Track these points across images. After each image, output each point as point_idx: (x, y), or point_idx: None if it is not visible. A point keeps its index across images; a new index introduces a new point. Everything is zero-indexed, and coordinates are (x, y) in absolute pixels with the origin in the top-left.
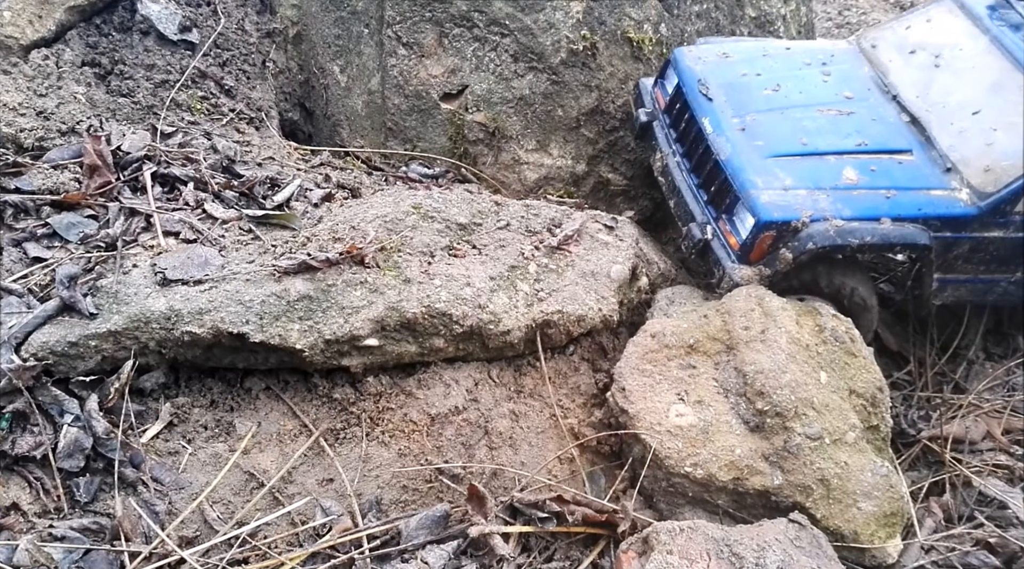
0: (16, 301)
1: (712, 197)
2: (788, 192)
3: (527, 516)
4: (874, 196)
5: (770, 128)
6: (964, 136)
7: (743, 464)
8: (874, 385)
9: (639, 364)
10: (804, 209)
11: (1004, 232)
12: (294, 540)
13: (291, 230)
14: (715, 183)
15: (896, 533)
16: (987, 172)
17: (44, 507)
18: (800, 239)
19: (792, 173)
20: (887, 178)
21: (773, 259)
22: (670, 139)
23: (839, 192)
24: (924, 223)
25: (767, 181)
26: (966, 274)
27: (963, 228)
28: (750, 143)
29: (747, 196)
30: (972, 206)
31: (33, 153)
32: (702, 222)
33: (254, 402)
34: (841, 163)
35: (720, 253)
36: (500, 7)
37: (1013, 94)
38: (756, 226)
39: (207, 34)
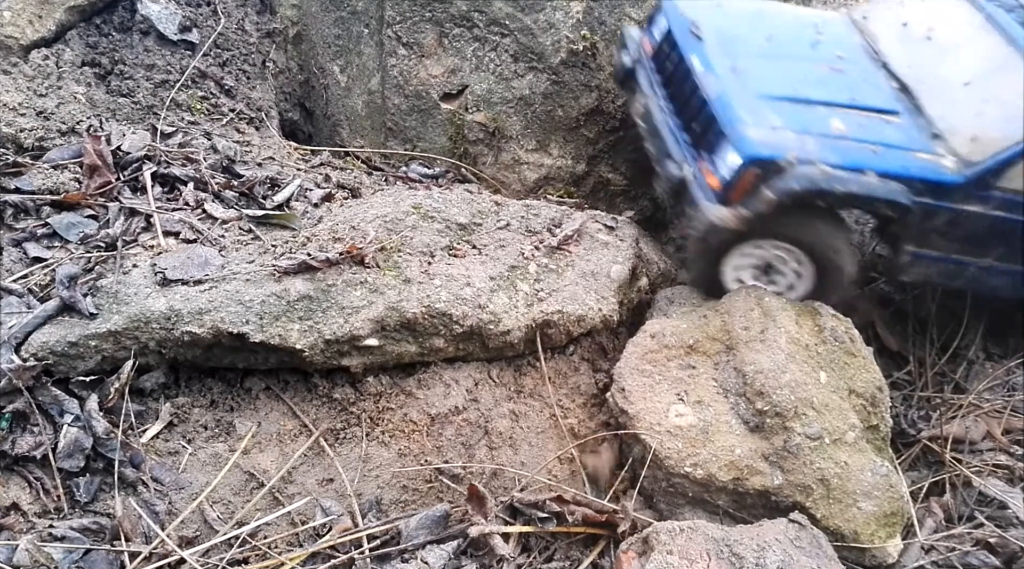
0: (16, 301)
1: (695, 137)
2: (775, 131)
3: (527, 516)
4: (861, 148)
5: (761, 72)
6: (953, 105)
7: (743, 464)
8: (874, 385)
9: (639, 364)
10: (791, 150)
11: (984, 208)
12: (294, 540)
13: (291, 230)
14: (699, 122)
15: (896, 533)
16: (974, 141)
17: (44, 507)
18: (784, 179)
19: (781, 115)
20: (874, 134)
21: (753, 200)
22: (654, 83)
23: (827, 139)
24: (908, 184)
25: (756, 119)
26: (939, 251)
27: (945, 196)
28: (740, 83)
29: (734, 131)
30: (957, 174)
31: (33, 153)
32: (681, 162)
33: (254, 402)
34: (830, 113)
35: (697, 193)
36: (500, 7)
37: (1005, 70)
38: (742, 163)
39: (207, 34)
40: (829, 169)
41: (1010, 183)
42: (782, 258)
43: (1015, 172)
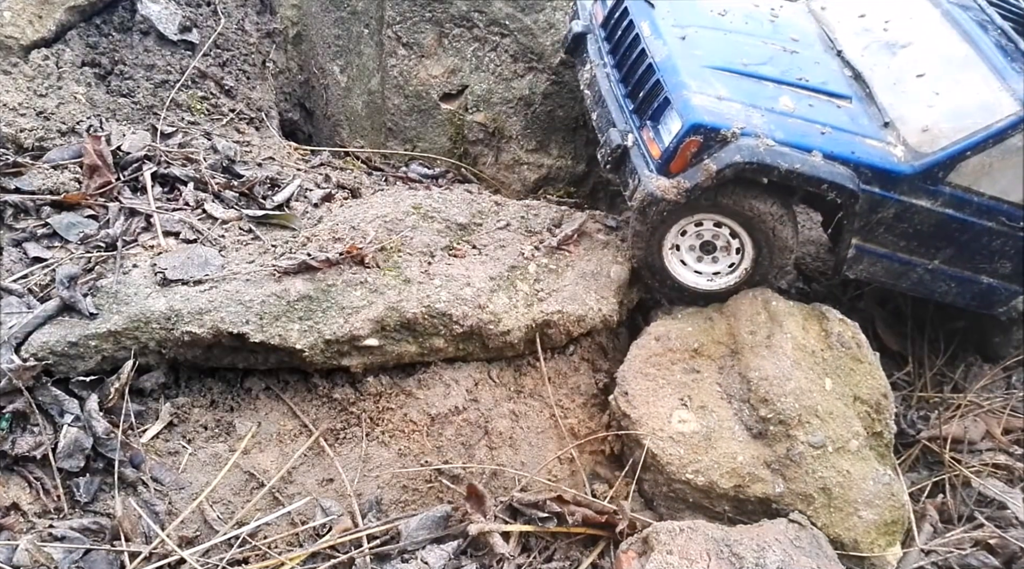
0: (16, 301)
1: (639, 104)
2: (721, 101)
3: (527, 516)
4: (809, 127)
5: (711, 43)
6: (906, 95)
7: (745, 471)
8: (879, 391)
9: (642, 367)
10: (736, 120)
11: (932, 203)
12: (294, 540)
13: (291, 230)
14: (644, 89)
15: (896, 541)
16: (925, 132)
17: (44, 507)
18: (727, 151)
19: (728, 86)
20: (823, 116)
21: (695, 171)
22: (603, 51)
23: (774, 115)
24: (855, 169)
25: (701, 86)
26: (885, 247)
27: (893, 186)
28: (688, 51)
29: (678, 97)
30: (906, 164)
31: (33, 153)
32: (624, 130)
33: (254, 402)
34: (779, 90)
35: (638, 162)
36: (500, 7)
37: (959, 65)
38: (683, 129)
39: (207, 34)
40: (774, 144)
41: (960, 179)
42: (722, 236)
43: (966, 167)
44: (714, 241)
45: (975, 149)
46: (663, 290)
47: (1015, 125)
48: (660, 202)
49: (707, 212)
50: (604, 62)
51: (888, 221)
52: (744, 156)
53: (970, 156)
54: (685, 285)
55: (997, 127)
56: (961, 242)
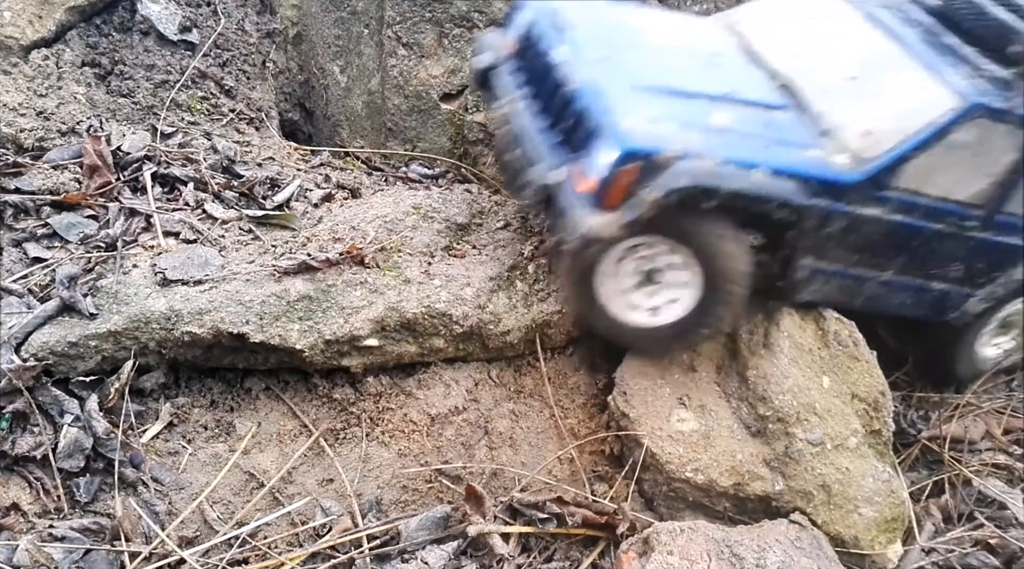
0: (16, 301)
1: (564, 136)
2: (655, 123)
3: (527, 516)
4: (748, 143)
5: (634, 62)
6: (841, 101)
7: (744, 469)
8: (877, 389)
9: (641, 367)
10: (673, 143)
11: (882, 212)
12: (294, 540)
13: (291, 230)
14: (568, 119)
15: (896, 538)
16: (867, 136)
17: (44, 507)
18: (667, 176)
19: (659, 106)
20: (761, 129)
21: (633, 203)
22: (516, 84)
23: (711, 133)
24: (801, 183)
25: (631, 110)
26: (837, 263)
27: (841, 197)
28: (612, 73)
29: (608, 123)
30: (851, 172)
31: (33, 153)
32: (548, 167)
33: (254, 402)
34: (711, 106)
35: (569, 200)
36: (500, 7)
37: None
38: (618, 159)
39: (207, 34)
40: (715, 165)
41: (908, 182)
42: (664, 263)
43: (913, 169)
44: (655, 270)
45: (920, 148)
46: (600, 326)
47: (957, 119)
48: (599, 240)
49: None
50: (518, 94)
51: (838, 235)
52: (686, 180)
53: (915, 156)
54: (622, 322)
55: (940, 123)
56: (912, 249)
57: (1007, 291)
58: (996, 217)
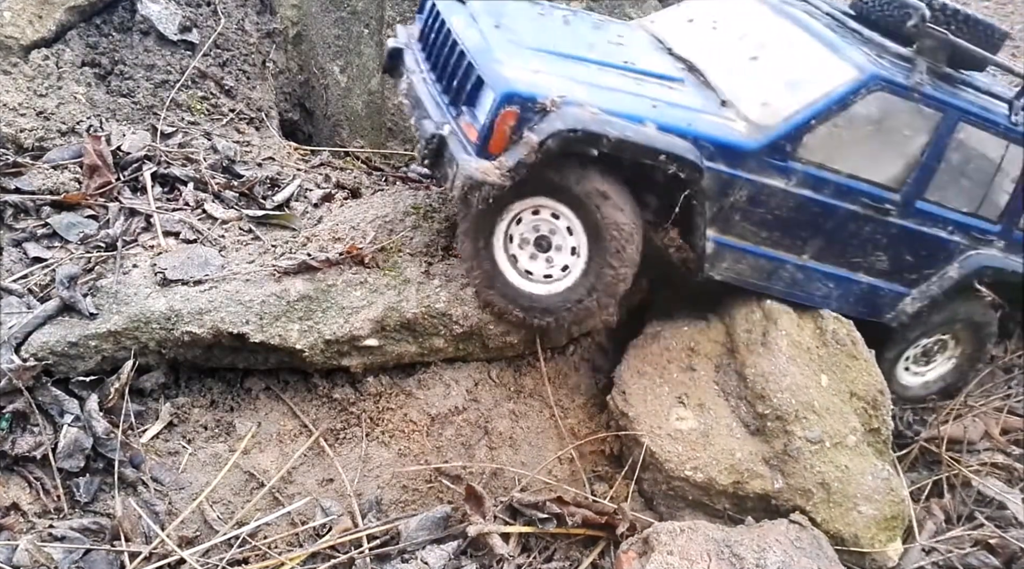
0: (16, 301)
1: (454, 92)
2: (539, 74)
3: (527, 516)
4: (638, 101)
5: (529, 30)
6: (741, 76)
7: (743, 468)
8: (875, 388)
9: (639, 367)
10: (556, 90)
11: (786, 183)
12: (294, 540)
13: (291, 230)
14: (459, 78)
15: (896, 536)
16: (765, 106)
17: (44, 507)
18: (549, 120)
19: (547, 63)
20: (654, 93)
21: (516, 148)
22: (419, 60)
23: (598, 88)
24: (695, 143)
25: (516, 62)
26: (747, 240)
27: (740, 164)
28: (503, 36)
29: (490, 72)
30: (750, 138)
31: (33, 153)
32: (440, 121)
33: (254, 402)
34: (603, 71)
35: (456, 149)
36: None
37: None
38: (497, 101)
39: (207, 34)
40: (600, 112)
41: (811, 155)
42: (555, 228)
43: (814, 140)
44: (548, 235)
45: (819, 118)
46: (498, 297)
47: (855, 90)
48: (482, 186)
49: (536, 196)
50: (421, 68)
51: (743, 206)
52: (568, 123)
53: (815, 125)
54: (518, 289)
55: (838, 93)
56: (827, 231)
57: (942, 291)
58: (916, 204)
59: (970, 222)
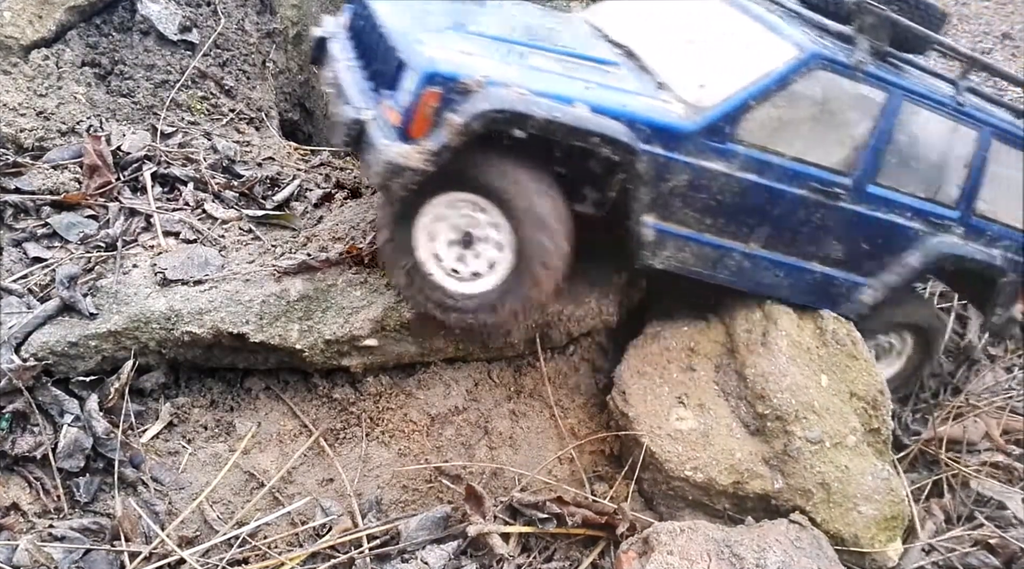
0: (16, 301)
1: (378, 77)
2: (464, 55)
3: (527, 517)
4: (570, 82)
5: (459, 15)
6: (678, 59)
7: (743, 468)
8: (875, 388)
9: (639, 367)
10: (481, 70)
11: (727, 167)
12: (294, 540)
13: (291, 230)
14: (382, 61)
15: (896, 537)
16: (702, 88)
17: (44, 507)
18: (473, 100)
19: (473, 45)
20: (587, 75)
21: (438, 130)
22: (347, 49)
23: (528, 69)
24: (629, 125)
25: (440, 43)
26: (689, 227)
27: (678, 146)
28: (428, 20)
29: (412, 53)
30: (687, 120)
31: (33, 153)
32: (361, 107)
33: (254, 402)
34: (533, 52)
35: (376, 134)
36: None
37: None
38: (418, 81)
39: (207, 34)
40: (528, 93)
41: (752, 137)
42: (478, 221)
43: (755, 122)
44: (472, 230)
45: (758, 98)
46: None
47: (795, 68)
48: (403, 172)
49: (461, 189)
50: (346, 56)
51: (683, 191)
52: (493, 103)
53: (755, 106)
54: (445, 289)
55: (777, 72)
56: (775, 217)
57: (901, 279)
58: (869, 188)
59: (928, 208)
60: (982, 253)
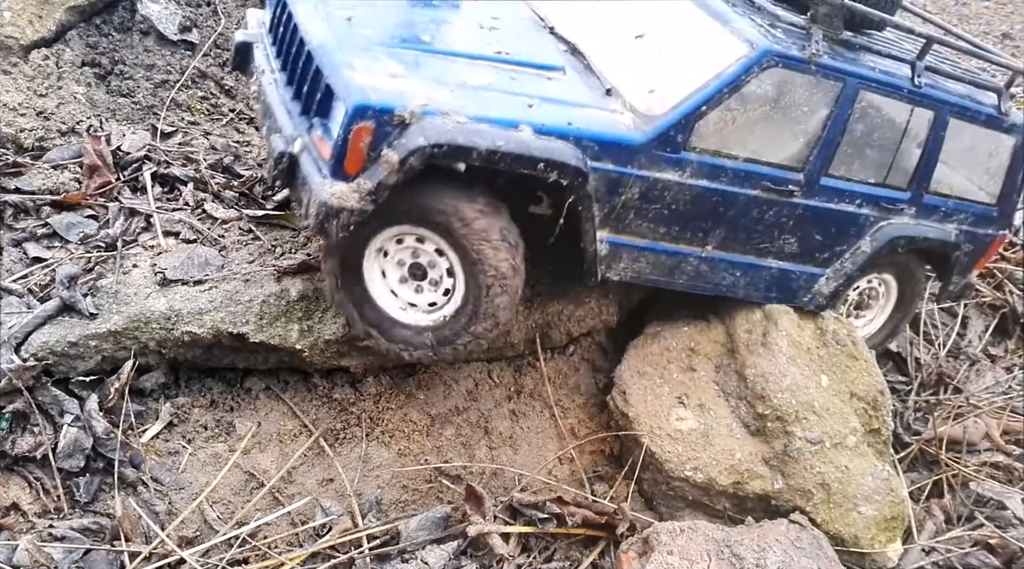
0: (16, 301)
1: (304, 99)
2: (396, 79)
3: (527, 517)
4: (512, 100)
5: (385, 21)
6: (626, 59)
7: (743, 468)
8: (875, 388)
9: (640, 367)
10: (415, 98)
11: (680, 175)
12: (294, 540)
13: (291, 230)
14: (307, 82)
15: (896, 537)
16: (652, 94)
17: (44, 507)
18: (409, 134)
19: (405, 64)
20: (530, 88)
21: (375, 168)
22: (269, 56)
23: (466, 90)
24: (576, 144)
25: (368, 66)
26: (644, 238)
27: (629, 160)
28: (354, 31)
29: (339, 80)
30: (637, 131)
31: (33, 153)
32: (290, 136)
33: (254, 402)
34: (471, 65)
35: (308, 169)
36: None
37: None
38: (349, 115)
39: (207, 34)
40: (467, 121)
41: (705, 143)
42: (428, 254)
43: (707, 127)
44: (424, 264)
45: (710, 103)
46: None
47: (747, 68)
48: (340, 213)
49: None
50: (271, 67)
51: (636, 204)
52: (430, 138)
53: (707, 112)
54: (402, 322)
55: (729, 74)
56: (729, 219)
57: (855, 266)
58: (821, 181)
59: (878, 193)
60: (935, 230)
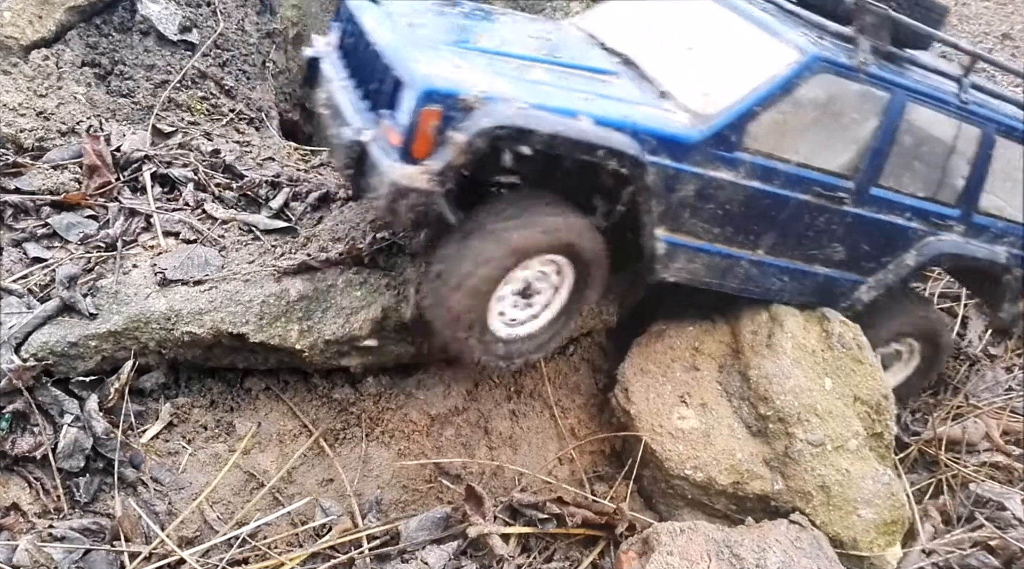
0: (16, 301)
1: (373, 96)
2: (459, 70)
3: (527, 517)
4: (569, 94)
5: (447, 27)
6: (679, 66)
7: (743, 468)
8: (879, 392)
9: (643, 365)
10: (478, 85)
11: (734, 175)
12: (294, 540)
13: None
14: (377, 80)
15: (896, 541)
16: (706, 96)
17: (44, 507)
18: (474, 117)
19: (467, 59)
20: (586, 87)
21: (442, 149)
22: (337, 68)
23: (525, 83)
24: (634, 137)
25: (434, 59)
26: (699, 238)
27: (684, 157)
28: (417, 34)
29: (407, 71)
30: (693, 129)
31: (33, 153)
32: (360, 127)
33: (254, 402)
34: (529, 65)
35: (378, 156)
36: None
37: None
38: (417, 100)
39: (207, 34)
40: (528, 106)
41: (758, 144)
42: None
43: (760, 129)
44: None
45: (764, 104)
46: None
47: (799, 73)
48: (409, 193)
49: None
50: (339, 76)
51: (691, 202)
52: (495, 119)
53: (760, 113)
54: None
55: (781, 77)
56: (781, 223)
57: (898, 277)
58: (871, 190)
59: (928, 207)
60: (984, 250)
